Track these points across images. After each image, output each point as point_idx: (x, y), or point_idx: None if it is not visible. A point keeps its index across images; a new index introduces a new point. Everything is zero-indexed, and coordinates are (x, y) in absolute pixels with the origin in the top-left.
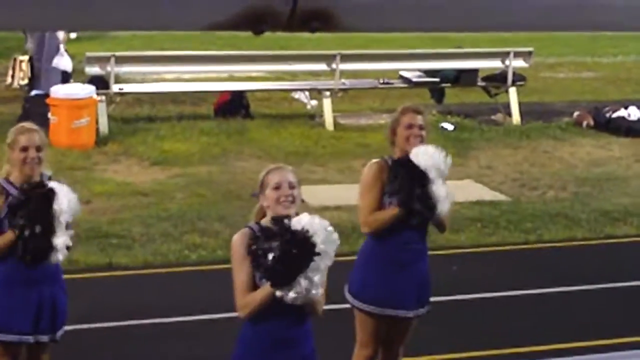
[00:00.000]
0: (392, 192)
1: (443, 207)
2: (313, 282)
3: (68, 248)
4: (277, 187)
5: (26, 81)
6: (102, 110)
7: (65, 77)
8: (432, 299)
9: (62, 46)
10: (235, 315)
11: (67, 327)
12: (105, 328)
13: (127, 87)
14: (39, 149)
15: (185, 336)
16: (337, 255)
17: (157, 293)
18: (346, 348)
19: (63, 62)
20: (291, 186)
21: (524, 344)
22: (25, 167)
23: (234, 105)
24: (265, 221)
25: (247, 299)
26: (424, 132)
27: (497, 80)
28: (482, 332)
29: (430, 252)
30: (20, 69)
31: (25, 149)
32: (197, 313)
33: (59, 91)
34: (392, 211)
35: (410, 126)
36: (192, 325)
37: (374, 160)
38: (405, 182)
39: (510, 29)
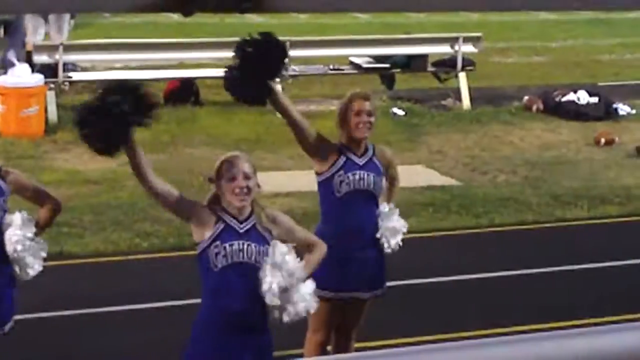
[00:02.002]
0: None
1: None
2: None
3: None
4: (233, 179)
5: None
6: (52, 98)
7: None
8: (388, 283)
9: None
10: (188, 302)
11: (18, 317)
12: (56, 317)
13: (76, 75)
14: None
15: (138, 324)
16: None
17: (108, 281)
18: (300, 333)
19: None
20: (246, 177)
21: (474, 327)
22: None
23: (183, 93)
24: (223, 203)
25: None
26: (372, 119)
27: (447, 65)
28: (434, 316)
29: None
30: None
31: None
32: (150, 301)
33: (7, 80)
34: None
35: (359, 113)
36: (145, 313)
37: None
38: None
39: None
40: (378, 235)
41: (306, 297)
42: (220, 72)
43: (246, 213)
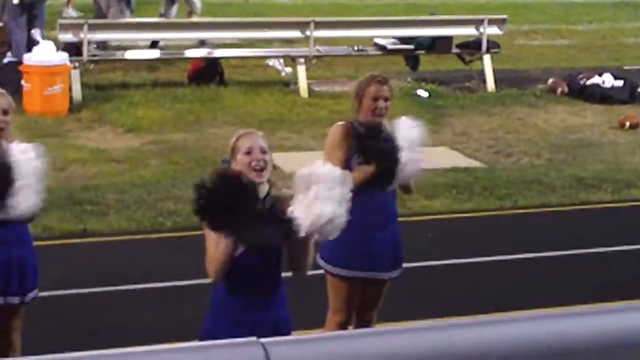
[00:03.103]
0: (360, 150)
1: (409, 169)
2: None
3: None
4: (249, 152)
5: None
6: (76, 77)
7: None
8: (406, 265)
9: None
10: (208, 281)
11: (42, 293)
12: (79, 294)
13: (101, 54)
14: (5, 112)
15: (159, 302)
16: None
17: (131, 259)
18: (320, 314)
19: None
20: (262, 151)
21: (497, 309)
22: None
23: (208, 72)
24: None
25: None
26: (389, 103)
27: (472, 47)
28: (456, 298)
29: (405, 219)
30: None
31: None
32: (171, 279)
33: (32, 58)
34: (363, 170)
35: (376, 98)
36: (165, 291)
37: (340, 123)
38: (374, 142)
39: None
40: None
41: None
42: (245, 52)
43: (263, 192)
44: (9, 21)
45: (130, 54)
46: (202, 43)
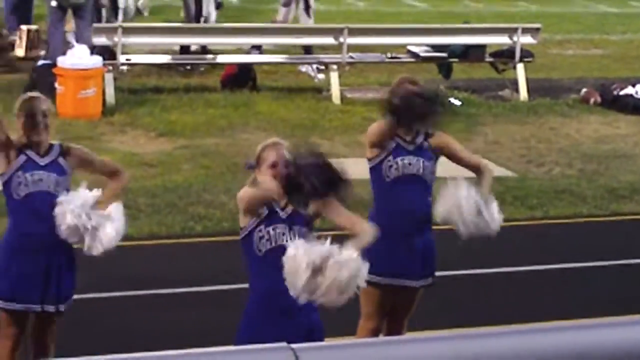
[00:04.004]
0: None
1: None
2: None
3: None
4: (274, 165)
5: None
6: (109, 80)
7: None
8: (437, 273)
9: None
10: (240, 286)
11: (73, 297)
12: (110, 298)
13: (134, 58)
14: (44, 114)
15: (190, 306)
16: (340, 228)
17: (162, 263)
18: (352, 321)
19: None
20: (287, 164)
21: (528, 319)
22: (32, 134)
23: (241, 78)
24: None
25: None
26: None
27: (505, 56)
28: (486, 306)
29: (435, 227)
30: (28, 39)
31: (31, 115)
32: (202, 284)
33: (65, 61)
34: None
35: None
36: (196, 296)
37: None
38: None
39: None
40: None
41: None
42: (278, 58)
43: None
44: (49, 26)
45: (163, 59)
46: (255, 48)
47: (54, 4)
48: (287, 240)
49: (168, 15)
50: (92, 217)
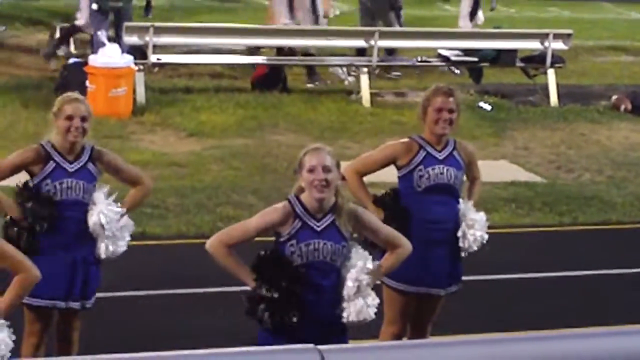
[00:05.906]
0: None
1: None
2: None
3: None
4: (312, 170)
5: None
6: (140, 80)
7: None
8: (463, 278)
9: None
10: None
11: (99, 295)
12: (136, 297)
13: (165, 58)
14: (84, 119)
15: (217, 307)
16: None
17: (189, 263)
18: (374, 324)
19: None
20: (326, 170)
21: (555, 325)
22: (69, 135)
23: (271, 79)
24: (305, 197)
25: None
26: (454, 115)
27: (536, 61)
28: (512, 312)
29: None
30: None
31: (70, 117)
32: (229, 284)
33: (97, 60)
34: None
35: (440, 110)
36: (224, 297)
37: (404, 140)
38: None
39: None
40: (459, 234)
41: (369, 309)
42: (309, 59)
43: (326, 208)
44: (94, 33)
45: (194, 59)
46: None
47: (94, 7)
48: (318, 257)
49: None
50: (118, 225)
